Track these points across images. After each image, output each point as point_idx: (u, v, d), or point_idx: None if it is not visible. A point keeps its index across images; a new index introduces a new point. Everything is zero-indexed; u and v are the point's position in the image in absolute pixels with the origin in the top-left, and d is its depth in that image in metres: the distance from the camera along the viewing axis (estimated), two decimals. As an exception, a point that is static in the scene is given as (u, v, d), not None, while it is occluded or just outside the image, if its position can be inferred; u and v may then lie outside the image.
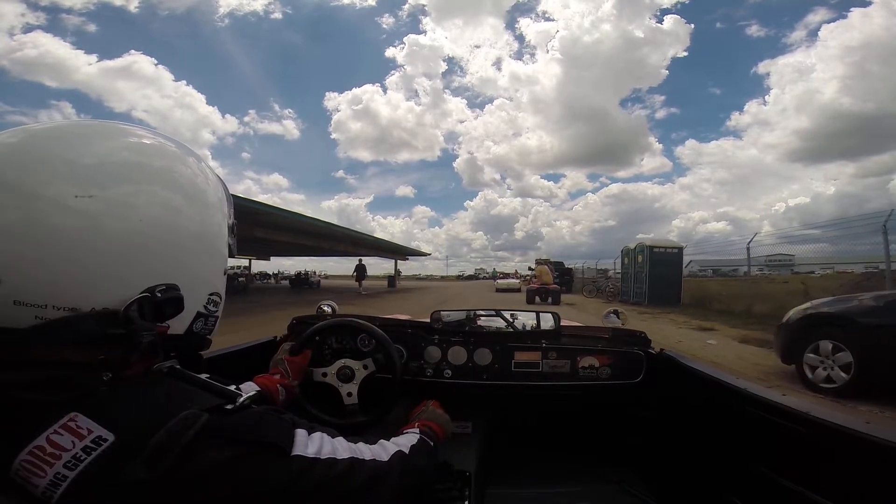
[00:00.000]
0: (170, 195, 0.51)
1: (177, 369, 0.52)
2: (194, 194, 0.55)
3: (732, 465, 0.99)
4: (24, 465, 0.38)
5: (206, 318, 0.57)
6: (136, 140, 0.52)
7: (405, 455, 0.66)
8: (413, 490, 0.66)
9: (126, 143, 0.51)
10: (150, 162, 0.51)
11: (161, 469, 0.39)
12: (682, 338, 6.62)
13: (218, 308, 0.59)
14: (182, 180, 0.54)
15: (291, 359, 1.08)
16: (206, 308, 0.56)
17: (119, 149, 0.50)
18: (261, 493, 0.44)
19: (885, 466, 0.63)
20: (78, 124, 0.52)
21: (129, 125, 0.54)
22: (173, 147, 0.56)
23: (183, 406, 0.43)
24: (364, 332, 1.25)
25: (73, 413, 0.39)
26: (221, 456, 0.42)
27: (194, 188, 0.55)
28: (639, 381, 1.36)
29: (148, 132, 0.55)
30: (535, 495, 1.32)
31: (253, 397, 0.51)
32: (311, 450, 0.50)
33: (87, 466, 0.38)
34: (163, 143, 0.55)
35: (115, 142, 0.50)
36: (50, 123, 0.50)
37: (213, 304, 0.58)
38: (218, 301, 0.59)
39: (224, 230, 0.60)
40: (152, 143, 0.54)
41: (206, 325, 0.57)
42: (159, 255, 0.49)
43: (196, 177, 0.56)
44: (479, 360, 1.39)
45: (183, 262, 0.52)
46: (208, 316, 0.57)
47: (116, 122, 0.54)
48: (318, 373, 1.16)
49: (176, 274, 0.50)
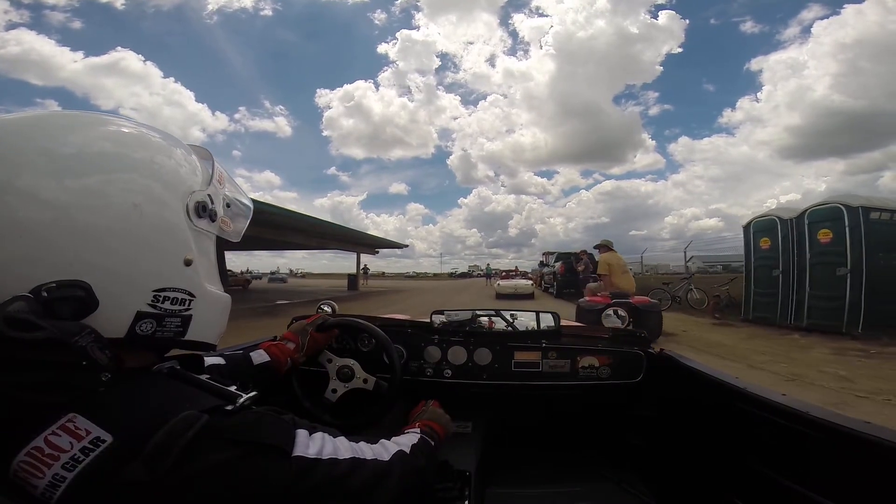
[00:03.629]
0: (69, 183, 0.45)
1: (177, 370, 0.52)
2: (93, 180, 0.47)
3: (732, 465, 0.99)
4: (23, 465, 0.38)
5: (158, 319, 0.49)
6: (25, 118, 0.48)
7: (406, 455, 0.66)
8: (414, 490, 0.66)
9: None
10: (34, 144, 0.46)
11: (161, 470, 0.39)
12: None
13: (185, 306, 0.51)
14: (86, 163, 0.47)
15: (315, 334, 1.10)
16: (155, 306, 0.49)
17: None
18: (262, 494, 0.44)
19: (885, 466, 0.63)
20: (58, 115, 0.50)
21: (93, 113, 0.51)
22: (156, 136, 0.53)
23: (182, 407, 0.43)
24: (365, 332, 1.25)
25: (72, 414, 0.39)
26: (221, 457, 0.42)
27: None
28: (639, 381, 1.36)
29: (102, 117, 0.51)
30: (535, 495, 1.32)
31: (253, 397, 0.51)
32: (313, 450, 0.50)
33: (86, 467, 0.38)
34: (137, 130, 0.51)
35: (94, 132, 0.48)
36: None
37: (167, 301, 0.50)
38: (183, 299, 0.51)
39: (180, 218, 0.52)
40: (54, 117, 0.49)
41: (160, 325, 0.49)
42: (57, 248, 0.43)
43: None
44: (479, 359, 1.39)
45: (96, 257, 0.45)
46: (164, 316, 0.50)
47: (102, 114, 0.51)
48: (325, 355, 1.18)
49: (88, 270, 0.44)
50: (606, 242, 6.36)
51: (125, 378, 0.45)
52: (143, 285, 0.48)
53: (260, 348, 0.98)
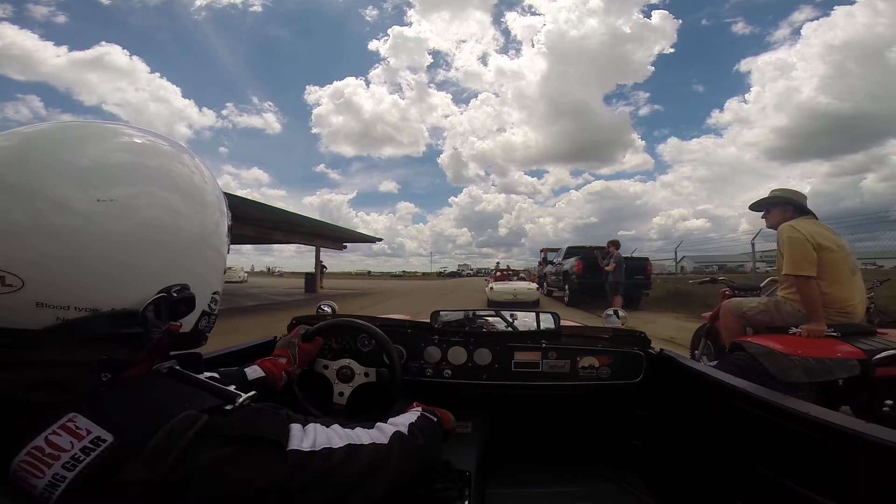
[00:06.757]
0: (176, 195, 0.52)
1: (176, 370, 0.52)
2: (195, 194, 0.55)
3: (732, 465, 0.99)
4: (23, 465, 0.38)
5: (209, 317, 0.58)
6: (133, 140, 0.52)
7: (404, 435, 0.64)
8: (416, 472, 0.64)
9: (123, 144, 0.51)
10: (151, 162, 0.52)
11: (161, 469, 0.39)
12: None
13: (217, 306, 0.61)
14: (183, 180, 0.54)
15: (302, 345, 1.09)
16: (210, 307, 0.58)
17: (118, 149, 0.50)
18: (260, 490, 0.44)
19: (885, 466, 0.63)
20: (77, 126, 0.52)
21: (120, 125, 0.54)
22: (168, 146, 0.55)
23: (182, 406, 0.43)
24: (364, 332, 1.25)
25: (72, 413, 0.39)
26: (220, 455, 0.42)
27: (195, 187, 0.55)
28: (639, 381, 1.36)
29: (141, 131, 0.55)
30: (535, 495, 1.32)
31: (252, 397, 0.51)
32: (307, 444, 0.49)
33: (86, 467, 0.38)
34: (156, 142, 0.55)
35: (113, 142, 0.50)
36: (44, 125, 0.50)
37: (214, 302, 0.59)
38: (218, 300, 0.60)
39: (223, 228, 0.61)
40: (148, 142, 0.54)
41: (208, 322, 0.59)
42: (170, 254, 0.50)
43: (195, 175, 0.56)
44: (478, 360, 1.39)
45: (190, 262, 0.53)
46: (210, 314, 0.59)
47: (112, 123, 0.53)
48: (319, 363, 1.17)
49: (185, 274, 0.51)
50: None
51: (125, 378, 0.45)
52: (208, 287, 0.57)
53: (254, 364, 0.97)
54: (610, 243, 8.14)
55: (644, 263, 10.56)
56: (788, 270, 2.04)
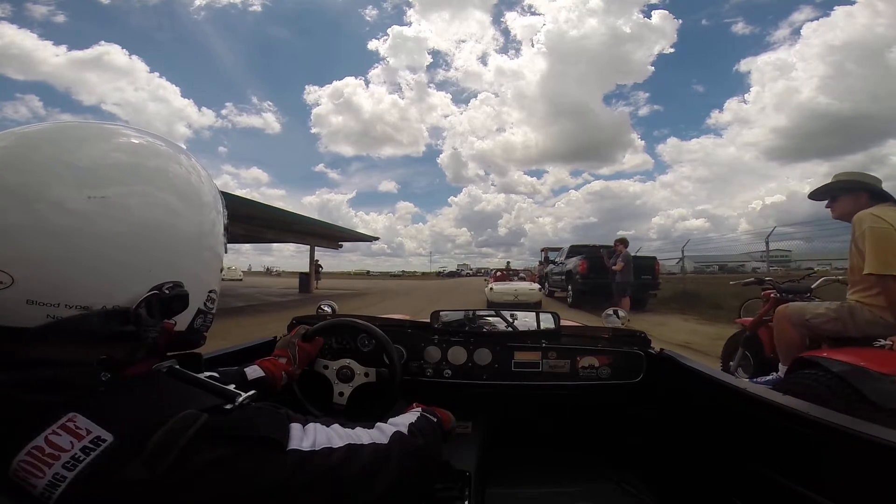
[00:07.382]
0: (172, 195, 0.52)
1: (176, 369, 0.52)
2: (191, 194, 0.55)
3: (732, 465, 0.99)
4: (23, 465, 0.38)
5: (205, 315, 0.58)
6: (130, 140, 0.52)
7: (404, 435, 0.64)
8: (416, 472, 0.64)
9: (120, 144, 0.51)
10: (148, 162, 0.52)
11: (160, 469, 0.39)
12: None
13: (214, 305, 0.60)
14: (179, 180, 0.54)
15: (302, 345, 1.09)
16: (206, 305, 0.58)
17: (114, 150, 0.50)
18: (260, 489, 0.44)
19: (885, 466, 0.63)
20: (75, 126, 0.52)
21: (118, 125, 0.55)
22: (164, 146, 0.56)
23: (182, 406, 0.43)
24: (364, 332, 1.25)
25: (72, 413, 0.39)
26: (219, 454, 0.42)
27: (191, 187, 0.55)
28: (639, 381, 1.36)
29: (138, 132, 0.55)
30: (534, 495, 1.32)
31: (252, 396, 0.51)
32: (307, 443, 0.49)
33: (86, 467, 0.38)
34: (153, 142, 0.55)
35: (109, 143, 0.50)
36: (42, 125, 0.50)
37: (210, 301, 0.59)
38: (215, 298, 0.60)
39: (219, 228, 0.60)
40: (145, 143, 0.54)
41: (204, 321, 0.58)
42: (164, 253, 0.50)
43: (191, 175, 0.56)
44: (478, 360, 1.39)
45: (185, 261, 0.53)
46: (207, 313, 0.58)
47: (110, 124, 0.54)
48: (319, 363, 1.17)
49: (180, 272, 0.51)
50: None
51: (125, 377, 0.45)
52: (204, 286, 0.57)
53: (254, 364, 0.98)
54: (618, 241, 7.74)
55: (652, 263, 10.07)
56: (875, 269, 1.66)
